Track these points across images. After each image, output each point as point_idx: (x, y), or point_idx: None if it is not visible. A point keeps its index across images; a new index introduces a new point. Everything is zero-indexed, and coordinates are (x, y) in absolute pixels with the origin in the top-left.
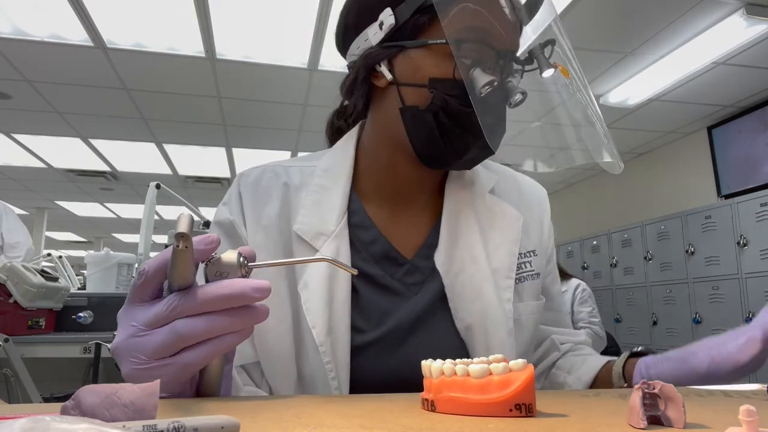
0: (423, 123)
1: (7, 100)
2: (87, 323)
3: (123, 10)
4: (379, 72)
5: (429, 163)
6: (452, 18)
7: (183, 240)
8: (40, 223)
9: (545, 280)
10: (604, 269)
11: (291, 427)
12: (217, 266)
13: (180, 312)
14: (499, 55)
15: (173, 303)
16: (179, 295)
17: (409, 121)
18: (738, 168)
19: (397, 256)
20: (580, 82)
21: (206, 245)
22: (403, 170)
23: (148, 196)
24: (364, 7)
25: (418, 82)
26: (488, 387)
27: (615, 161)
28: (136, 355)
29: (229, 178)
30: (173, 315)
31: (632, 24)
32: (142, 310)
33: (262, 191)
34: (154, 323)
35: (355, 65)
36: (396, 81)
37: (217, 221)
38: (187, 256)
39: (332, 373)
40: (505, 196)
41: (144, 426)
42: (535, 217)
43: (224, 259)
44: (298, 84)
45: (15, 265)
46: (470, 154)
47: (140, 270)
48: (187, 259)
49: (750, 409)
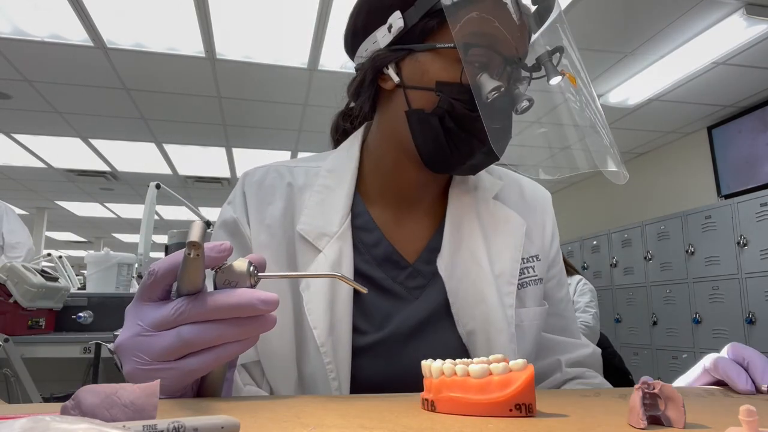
0: (429, 126)
1: (7, 100)
2: (87, 323)
3: (123, 10)
4: (387, 75)
5: (433, 167)
6: (461, 23)
7: (195, 249)
8: (40, 223)
9: (547, 284)
10: (604, 269)
11: (291, 427)
12: (227, 274)
13: (187, 318)
14: (506, 61)
15: (181, 308)
16: (187, 301)
17: (414, 125)
18: (738, 168)
19: (399, 259)
20: (587, 90)
21: (218, 253)
22: (407, 173)
23: (148, 196)
24: (373, 9)
25: (425, 86)
26: (488, 387)
27: (620, 171)
28: (140, 355)
29: (229, 178)
30: (180, 320)
31: (632, 24)
32: (149, 310)
33: (266, 191)
34: (160, 325)
35: (362, 67)
36: (403, 84)
37: (222, 220)
38: (198, 264)
39: (333, 374)
40: (509, 201)
41: (144, 426)
42: (538, 222)
43: (234, 268)
44: (298, 84)
45: (15, 265)
46: (475, 160)
47: (150, 269)
48: (197, 267)
49: (750, 409)
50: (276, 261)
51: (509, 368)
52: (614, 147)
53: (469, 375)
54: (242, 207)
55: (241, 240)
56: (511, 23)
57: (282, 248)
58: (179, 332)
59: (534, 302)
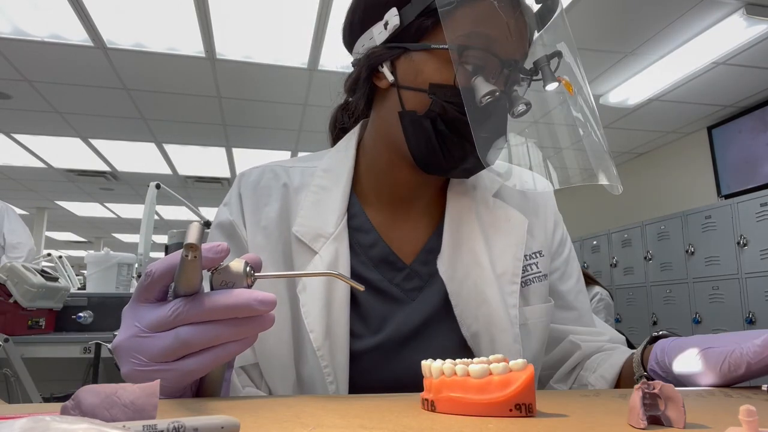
0: (421, 129)
1: (7, 100)
2: (87, 323)
3: (123, 10)
4: (381, 72)
5: (426, 169)
6: (455, 23)
7: (192, 250)
8: (40, 223)
9: (551, 277)
10: (604, 269)
11: (291, 427)
12: (224, 275)
13: (184, 319)
14: (503, 63)
15: (178, 309)
16: (185, 302)
17: (407, 126)
18: (738, 168)
19: (396, 260)
20: (583, 98)
21: (215, 254)
22: (401, 174)
23: (148, 196)
24: (370, 5)
25: (419, 87)
26: (488, 387)
27: (615, 184)
28: (137, 356)
29: (229, 178)
30: (177, 321)
31: (632, 24)
32: (146, 310)
33: (261, 192)
34: (157, 327)
35: (359, 63)
36: (397, 83)
37: (219, 222)
38: (195, 265)
39: (330, 377)
40: (510, 199)
41: (144, 426)
42: (540, 217)
43: (231, 268)
44: (298, 84)
45: (15, 265)
46: (468, 164)
47: (146, 270)
48: (195, 269)
49: (750, 409)
50: (273, 263)
51: (509, 368)
52: (610, 159)
53: (469, 375)
54: (238, 209)
55: (237, 242)
56: (509, 24)
57: (278, 250)
58: (177, 333)
59: (539, 299)
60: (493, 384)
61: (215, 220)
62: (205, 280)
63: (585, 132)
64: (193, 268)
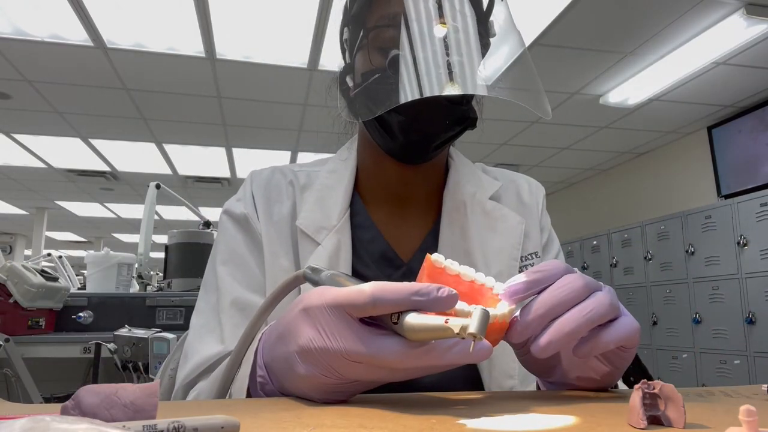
0: (374, 124)
1: (7, 100)
2: (87, 323)
3: (123, 10)
4: (346, 81)
5: (403, 158)
6: (357, 16)
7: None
8: (40, 223)
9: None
10: (604, 269)
11: (291, 428)
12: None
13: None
14: (394, 26)
15: (396, 357)
16: (401, 347)
17: (368, 125)
18: (738, 168)
19: (394, 257)
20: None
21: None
22: (390, 170)
23: (148, 196)
24: (340, 25)
25: (357, 84)
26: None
27: (545, 105)
28: (336, 373)
29: (229, 178)
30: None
31: (632, 24)
32: (372, 337)
33: (272, 190)
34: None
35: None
36: (354, 88)
37: (231, 213)
38: (452, 336)
39: None
40: (507, 202)
41: (144, 426)
42: (535, 218)
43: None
44: (298, 84)
45: (15, 265)
46: (430, 128)
47: (380, 296)
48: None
49: (750, 409)
50: (285, 254)
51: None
52: (537, 79)
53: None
54: (251, 204)
55: (252, 235)
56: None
57: (289, 244)
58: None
59: None
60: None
61: (227, 213)
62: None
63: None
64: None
